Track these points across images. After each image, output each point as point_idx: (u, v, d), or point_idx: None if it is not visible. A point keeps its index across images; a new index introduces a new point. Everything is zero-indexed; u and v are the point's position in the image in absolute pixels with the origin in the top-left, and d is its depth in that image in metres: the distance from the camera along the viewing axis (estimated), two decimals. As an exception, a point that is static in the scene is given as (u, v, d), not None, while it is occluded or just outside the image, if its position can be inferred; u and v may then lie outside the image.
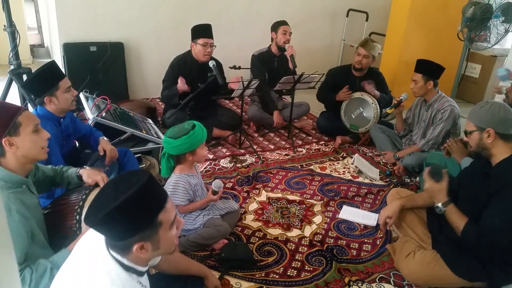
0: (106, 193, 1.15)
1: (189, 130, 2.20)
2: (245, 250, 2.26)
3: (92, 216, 1.11)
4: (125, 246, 1.16)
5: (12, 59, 3.17)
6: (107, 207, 1.08)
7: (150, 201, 1.16)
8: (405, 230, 2.34)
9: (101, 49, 4.35)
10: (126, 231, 1.14)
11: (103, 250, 1.19)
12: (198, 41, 3.62)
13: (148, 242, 1.17)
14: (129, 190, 1.10)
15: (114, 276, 1.16)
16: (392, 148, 3.56)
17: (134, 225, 1.13)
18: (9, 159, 1.58)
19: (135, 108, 3.81)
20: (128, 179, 1.15)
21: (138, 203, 1.12)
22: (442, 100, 3.19)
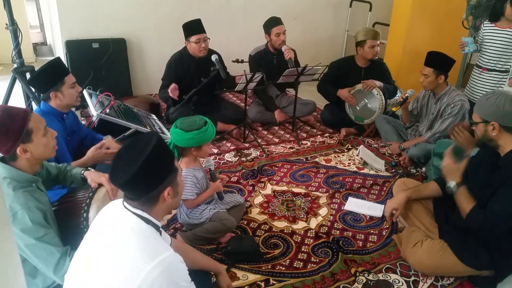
0: (127, 154, 1.27)
1: (201, 126, 2.21)
2: (251, 243, 2.27)
3: (123, 173, 1.22)
4: (153, 197, 1.29)
5: (15, 57, 3.17)
6: (136, 161, 1.21)
7: (168, 150, 1.36)
8: (411, 221, 2.33)
9: (103, 46, 4.35)
10: (157, 179, 1.28)
11: (122, 211, 1.30)
12: (191, 39, 3.59)
13: (171, 187, 1.32)
14: (149, 144, 1.25)
15: (137, 228, 1.26)
16: (398, 139, 3.54)
17: (163, 171, 1.30)
18: (21, 163, 1.60)
19: (139, 104, 3.82)
20: (140, 140, 1.30)
21: (161, 152, 1.28)
22: (452, 94, 3.14)
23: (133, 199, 1.30)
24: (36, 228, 1.50)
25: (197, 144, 2.23)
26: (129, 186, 1.27)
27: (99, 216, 1.39)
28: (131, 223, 1.27)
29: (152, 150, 1.24)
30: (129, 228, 1.26)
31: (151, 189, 1.28)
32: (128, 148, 1.30)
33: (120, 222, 1.29)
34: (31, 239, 1.49)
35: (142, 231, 1.27)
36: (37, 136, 1.61)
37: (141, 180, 1.25)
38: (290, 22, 4.09)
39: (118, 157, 1.30)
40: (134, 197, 1.30)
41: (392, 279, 2.12)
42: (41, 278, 1.65)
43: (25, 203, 1.51)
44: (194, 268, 1.73)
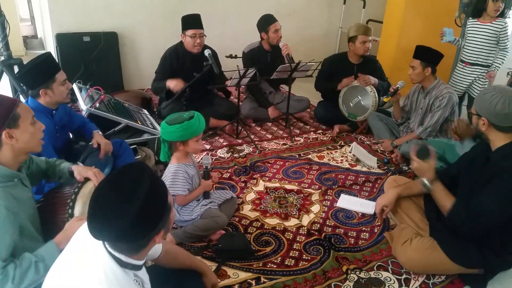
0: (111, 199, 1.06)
1: (185, 120, 2.17)
2: (242, 241, 2.24)
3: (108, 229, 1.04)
4: (143, 244, 1.15)
5: (3, 49, 3.12)
6: (126, 213, 1.02)
7: (162, 186, 1.15)
8: (402, 218, 2.32)
9: (94, 39, 4.28)
10: (149, 228, 1.11)
11: (100, 247, 1.15)
12: (187, 33, 3.55)
13: (163, 230, 1.17)
14: (142, 186, 1.05)
15: (110, 274, 1.12)
16: (390, 136, 3.54)
17: (157, 218, 1.11)
18: (5, 152, 1.55)
19: (130, 99, 3.76)
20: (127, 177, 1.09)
21: (156, 193, 1.10)
22: (440, 87, 3.16)
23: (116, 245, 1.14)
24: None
25: (180, 138, 2.19)
26: (115, 241, 1.11)
27: (74, 240, 1.24)
28: (106, 266, 1.12)
29: (147, 194, 1.05)
30: (101, 271, 1.11)
31: (141, 239, 1.12)
32: (112, 189, 1.08)
33: (94, 260, 1.14)
34: None
35: (116, 278, 1.12)
36: (24, 123, 1.57)
37: (132, 233, 1.07)
38: (284, 19, 4.06)
39: (98, 200, 1.08)
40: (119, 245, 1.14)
41: (384, 277, 2.11)
42: None
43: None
44: (178, 267, 1.71)
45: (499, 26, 3.56)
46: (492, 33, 3.59)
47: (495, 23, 3.58)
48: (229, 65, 3.80)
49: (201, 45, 3.59)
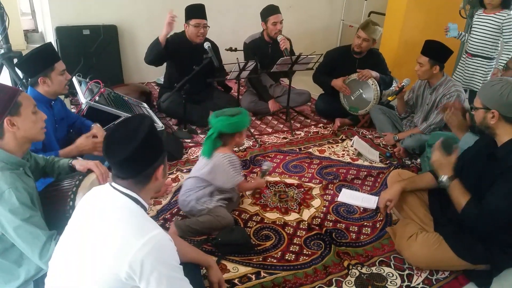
0: (122, 132, 1.27)
1: (240, 111, 2.32)
2: (242, 235, 2.22)
3: (123, 149, 1.22)
4: (147, 175, 1.30)
5: (2, 42, 3.09)
6: (135, 138, 1.23)
7: (158, 132, 1.36)
8: (406, 213, 2.29)
9: (94, 33, 4.25)
10: (154, 156, 1.30)
11: (109, 190, 1.29)
12: (191, 22, 3.51)
13: (162, 165, 1.34)
14: (144, 122, 1.27)
15: (125, 208, 1.26)
16: (393, 130, 3.50)
17: (159, 149, 1.32)
18: (8, 140, 1.57)
19: (130, 92, 3.74)
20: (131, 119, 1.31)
21: (155, 131, 1.31)
22: (448, 85, 3.09)
23: (124, 179, 1.29)
24: (23, 209, 1.46)
25: (240, 128, 2.33)
26: (127, 163, 1.26)
27: (85, 199, 1.36)
28: (120, 202, 1.27)
29: (149, 127, 1.27)
30: (117, 207, 1.26)
31: (148, 166, 1.29)
32: (121, 126, 1.29)
33: (108, 202, 1.28)
34: (17, 220, 1.45)
35: (131, 210, 1.26)
36: (26, 111, 1.60)
37: (140, 157, 1.26)
38: (285, 11, 4.01)
39: (111, 135, 1.29)
40: (128, 176, 1.28)
41: (386, 272, 2.09)
42: (25, 268, 1.61)
43: (12, 183, 1.47)
44: (184, 261, 1.69)
45: (502, 17, 3.55)
46: (495, 24, 3.59)
47: (499, 14, 3.57)
48: (229, 59, 3.76)
49: (204, 35, 3.56)
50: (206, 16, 3.54)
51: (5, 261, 1.57)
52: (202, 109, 3.68)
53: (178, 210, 2.50)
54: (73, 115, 2.67)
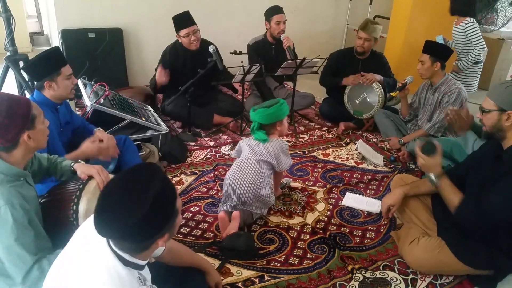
0: (121, 195, 1.06)
1: (278, 101, 2.44)
2: (247, 242, 2.19)
3: (116, 226, 1.04)
4: (146, 246, 1.15)
5: (8, 45, 3.10)
6: (135, 211, 1.02)
7: (172, 189, 1.14)
8: (409, 217, 2.28)
9: (99, 35, 4.27)
10: (156, 229, 1.10)
11: (103, 245, 1.15)
12: (180, 33, 3.53)
13: (168, 234, 1.17)
14: (152, 186, 1.05)
15: (113, 273, 1.11)
16: (397, 134, 3.49)
17: (164, 220, 1.11)
18: (16, 153, 1.55)
19: (135, 95, 3.76)
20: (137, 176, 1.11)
21: (166, 195, 1.09)
22: (449, 83, 3.12)
23: (119, 243, 1.13)
24: (16, 228, 1.42)
25: (280, 117, 2.45)
26: (119, 239, 1.10)
27: (82, 232, 1.24)
28: (109, 264, 1.12)
29: (157, 196, 1.05)
30: (105, 270, 1.11)
31: (147, 240, 1.12)
32: (122, 186, 1.08)
33: (98, 258, 1.14)
34: (10, 240, 1.41)
35: (119, 277, 1.11)
36: (38, 122, 1.59)
37: (137, 234, 1.06)
38: (289, 14, 4.03)
39: (107, 197, 1.08)
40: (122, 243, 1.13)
41: (390, 277, 2.08)
42: None
43: (9, 199, 1.44)
44: (181, 265, 1.69)
45: (463, 25, 3.84)
46: (462, 32, 3.88)
47: (462, 23, 3.85)
48: (233, 62, 3.77)
49: (198, 40, 3.56)
50: (193, 21, 3.54)
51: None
52: (206, 112, 3.69)
53: (182, 213, 2.50)
54: (78, 119, 2.67)
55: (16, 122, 1.51)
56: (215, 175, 2.93)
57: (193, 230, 2.37)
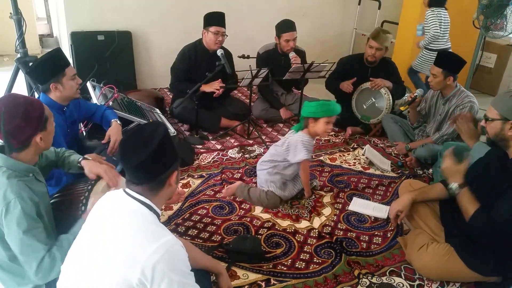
0: (136, 138, 1.29)
1: (327, 101, 2.54)
2: (254, 245, 2.20)
3: (138, 154, 1.24)
4: (161, 181, 1.31)
5: (19, 47, 3.14)
6: (148, 146, 1.25)
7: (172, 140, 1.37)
8: (417, 223, 2.27)
9: (108, 38, 4.31)
10: (168, 162, 1.32)
11: (123, 196, 1.31)
12: (210, 29, 3.54)
13: (176, 172, 1.35)
14: (159, 129, 1.30)
15: (137, 212, 1.27)
16: (404, 139, 3.48)
17: (173, 155, 1.34)
18: (26, 154, 1.58)
19: (143, 98, 3.78)
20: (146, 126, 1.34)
21: (169, 137, 1.33)
22: (461, 95, 3.07)
23: (138, 184, 1.30)
24: (26, 220, 1.45)
25: (314, 114, 2.50)
26: (142, 168, 1.27)
27: (98, 205, 1.37)
28: (133, 208, 1.27)
29: (164, 134, 1.29)
30: (130, 212, 1.26)
31: (162, 172, 1.30)
32: (136, 133, 1.32)
33: (121, 208, 1.29)
34: (19, 232, 1.44)
35: (143, 215, 1.27)
36: (49, 124, 1.63)
37: (155, 162, 1.27)
38: (298, 19, 4.03)
39: (127, 141, 1.31)
40: (142, 182, 1.29)
41: (396, 283, 2.07)
42: None
43: (18, 192, 1.47)
44: (194, 267, 1.69)
45: (428, 12, 4.35)
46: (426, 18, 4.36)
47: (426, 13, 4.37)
48: (242, 66, 3.79)
49: (222, 43, 3.59)
50: (225, 24, 3.57)
51: (16, 266, 1.58)
52: (214, 115, 3.71)
53: (190, 215, 2.51)
54: (91, 108, 2.64)
55: (31, 124, 1.54)
56: (222, 178, 2.94)
57: (201, 232, 2.37)
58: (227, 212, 2.58)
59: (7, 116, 1.49)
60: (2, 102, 1.52)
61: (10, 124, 1.49)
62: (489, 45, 5.22)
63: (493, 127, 1.90)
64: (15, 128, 1.50)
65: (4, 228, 1.46)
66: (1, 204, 1.45)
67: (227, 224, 2.46)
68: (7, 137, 1.50)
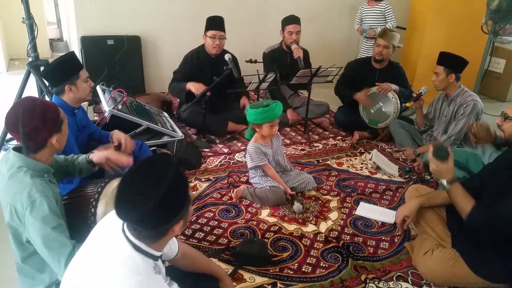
0: (139, 182, 1.13)
1: (261, 106, 2.58)
2: (260, 248, 2.20)
3: (135, 209, 1.09)
4: (162, 231, 1.19)
5: (30, 51, 3.19)
6: (153, 195, 1.08)
7: (184, 177, 1.22)
8: (423, 228, 2.27)
9: (118, 43, 4.36)
10: (172, 214, 1.16)
11: (120, 236, 1.20)
12: (207, 33, 3.60)
13: (183, 220, 1.22)
14: (167, 173, 1.12)
15: (129, 261, 1.16)
16: (412, 144, 3.47)
17: (179, 204, 1.18)
18: (41, 154, 1.62)
19: (151, 102, 3.81)
20: (153, 164, 1.18)
21: (180, 182, 1.16)
22: (464, 95, 3.10)
23: (136, 230, 1.18)
24: (53, 217, 1.49)
25: (255, 121, 2.62)
26: (139, 224, 1.15)
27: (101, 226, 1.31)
28: (126, 253, 1.17)
29: (172, 181, 1.11)
30: (121, 259, 1.16)
31: (164, 224, 1.17)
32: (140, 174, 1.16)
33: (114, 248, 1.19)
34: (48, 228, 1.47)
35: (136, 266, 1.16)
36: (64, 126, 1.67)
37: (155, 217, 1.12)
38: (305, 24, 4.06)
39: (126, 184, 1.15)
40: (140, 232, 1.18)
41: (403, 288, 2.07)
42: (48, 273, 1.64)
43: (43, 191, 1.51)
44: (196, 272, 1.70)
45: (382, 7, 4.74)
46: (379, 13, 4.76)
47: (379, 5, 4.75)
48: (249, 70, 3.81)
49: (220, 47, 3.62)
50: (223, 28, 3.61)
51: (28, 267, 1.61)
52: (221, 119, 3.73)
53: (196, 218, 2.53)
54: (93, 125, 2.73)
55: (48, 126, 1.58)
56: (229, 182, 2.95)
57: (208, 235, 2.38)
58: (233, 215, 2.59)
59: (26, 117, 1.52)
60: (20, 104, 1.57)
61: (29, 125, 1.53)
62: (497, 50, 5.19)
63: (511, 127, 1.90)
64: (33, 129, 1.54)
65: (26, 225, 1.49)
66: (26, 202, 1.47)
67: (233, 227, 2.47)
68: (25, 138, 1.54)
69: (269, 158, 2.76)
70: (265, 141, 2.74)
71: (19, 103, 1.59)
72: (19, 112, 1.52)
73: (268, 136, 2.70)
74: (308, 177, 2.91)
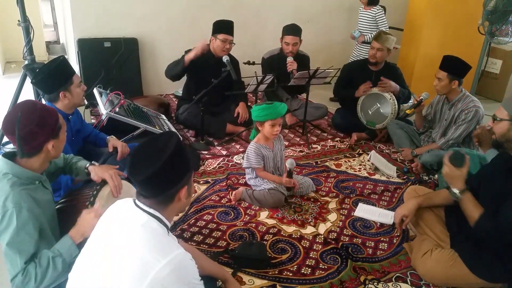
0: (147, 150, 1.27)
1: (269, 103, 2.59)
2: (259, 250, 2.20)
3: (145, 168, 1.22)
4: (170, 196, 1.29)
5: (26, 54, 3.17)
6: (159, 158, 1.22)
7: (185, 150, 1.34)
8: (422, 229, 2.27)
9: (115, 45, 4.35)
10: (177, 177, 1.29)
11: (133, 208, 1.29)
12: (218, 36, 3.58)
13: (187, 187, 1.33)
14: (171, 141, 1.27)
15: (147, 225, 1.25)
16: (410, 145, 3.47)
17: (183, 169, 1.30)
18: (35, 160, 1.60)
19: (149, 104, 3.81)
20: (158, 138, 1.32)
21: (181, 150, 1.29)
22: (466, 100, 3.08)
23: (147, 197, 1.28)
24: (16, 232, 1.46)
25: (258, 118, 2.61)
26: (149, 183, 1.25)
27: (108, 214, 1.37)
28: (142, 221, 1.26)
29: (175, 147, 1.25)
30: (139, 225, 1.24)
31: (170, 187, 1.28)
32: (148, 144, 1.30)
33: (130, 220, 1.27)
34: (8, 240, 1.46)
35: (152, 229, 1.25)
36: (62, 132, 1.66)
37: (163, 177, 1.25)
38: (303, 25, 4.05)
39: (137, 153, 1.29)
40: (150, 195, 1.28)
41: (403, 289, 2.06)
42: None
43: (18, 203, 1.48)
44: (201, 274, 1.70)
45: (373, 12, 4.71)
46: (370, 17, 4.74)
47: (371, 10, 4.72)
48: (247, 72, 3.81)
49: (229, 51, 3.63)
50: (233, 33, 3.61)
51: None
52: (220, 121, 3.72)
53: (195, 221, 2.52)
54: (88, 127, 2.71)
55: (45, 130, 1.56)
56: (228, 184, 2.95)
57: (206, 238, 2.38)
58: (232, 217, 2.59)
59: (23, 120, 1.51)
60: (20, 107, 1.56)
61: (25, 128, 1.52)
62: (494, 51, 5.21)
63: (501, 127, 1.90)
64: (29, 133, 1.52)
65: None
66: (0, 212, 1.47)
67: (232, 230, 2.46)
68: (20, 141, 1.53)
69: (268, 161, 2.74)
70: (267, 143, 2.73)
71: (19, 106, 1.58)
72: (17, 115, 1.51)
73: (270, 137, 2.67)
74: (307, 180, 2.91)
